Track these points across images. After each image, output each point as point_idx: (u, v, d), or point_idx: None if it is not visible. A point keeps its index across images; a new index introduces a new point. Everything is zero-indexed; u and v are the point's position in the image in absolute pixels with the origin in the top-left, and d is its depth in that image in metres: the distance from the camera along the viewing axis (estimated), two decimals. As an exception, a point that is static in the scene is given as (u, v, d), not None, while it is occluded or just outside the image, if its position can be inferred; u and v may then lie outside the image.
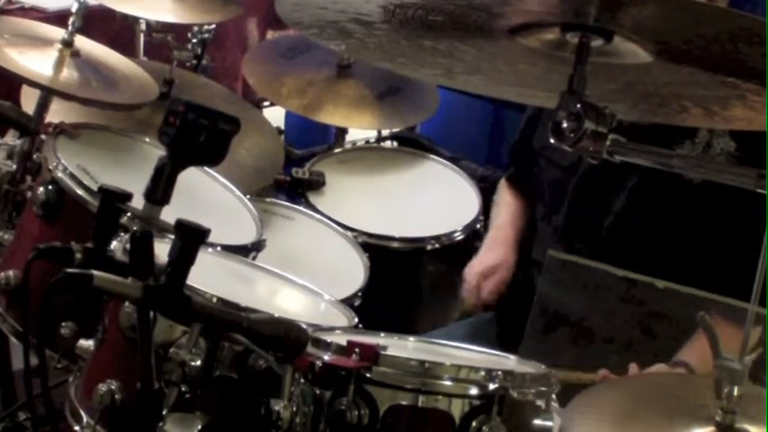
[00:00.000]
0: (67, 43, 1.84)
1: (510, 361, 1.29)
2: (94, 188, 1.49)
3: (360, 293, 1.71)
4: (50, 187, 1.54)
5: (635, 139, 0.99)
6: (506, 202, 1.87)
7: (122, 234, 1.22)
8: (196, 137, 1.02)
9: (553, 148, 1.65)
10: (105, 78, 1.85)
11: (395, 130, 2.67)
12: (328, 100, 2.32)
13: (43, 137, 1.71)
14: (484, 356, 1.32)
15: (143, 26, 2.48)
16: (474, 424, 1.10)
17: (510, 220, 1.84)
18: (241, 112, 1.24)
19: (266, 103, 2.80)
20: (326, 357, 1.14)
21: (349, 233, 1.90)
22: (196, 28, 2.42)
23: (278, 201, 2.00)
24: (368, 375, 1.11)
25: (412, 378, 1.11)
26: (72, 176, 1.53)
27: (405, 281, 1.94)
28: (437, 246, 1.94)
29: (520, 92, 1.20)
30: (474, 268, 1.79)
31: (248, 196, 1.80)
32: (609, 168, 1.51)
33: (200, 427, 1.14)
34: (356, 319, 1.43)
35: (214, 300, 1.22)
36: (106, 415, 1.21)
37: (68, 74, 1.80)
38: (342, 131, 2.54)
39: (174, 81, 2.14)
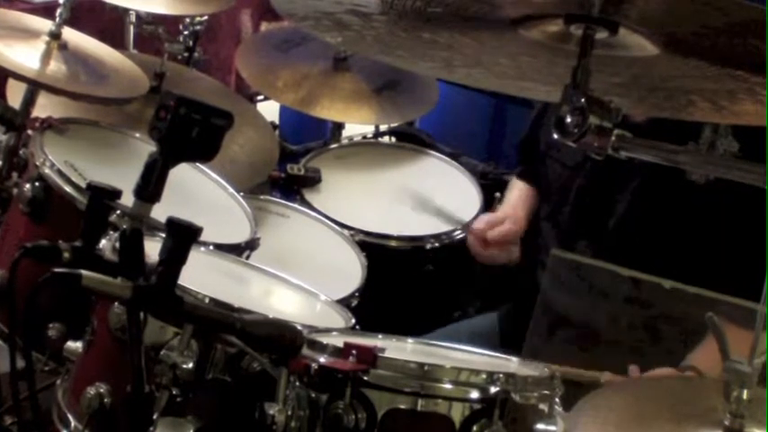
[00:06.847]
0: (55, 35, 1.82)
1: (512, 363, 1.27)
2: (83, 185, 1.48)
3: (357, 294, 1.69)
4: (37, 184, 1.53)
5: None
6: (517, 187, 1.86)
7: (112, 232, 1.22)
8: (188, 132, 1.01)
9: (558, 147, 1.66)
10: (94, 72, 1.83)
11: (393, 125, 2.65)
12: (324, 94, 2.30)
13: (30, 132, 1.70)
14: (485, 359, 1.31)
15: (133, 18, 2.46)
16: (475, 428, 1.09)
17: (519, 198, 1.82)
18: (234, 107, 1.21)
19: (260, 98, 2.78)
20: (323, 360, 1.12)
21: (346, 231, 1.88)
22: (188, 20, 2.39)
23: (272, 198, 1.98)
24: (365, 378, 1.09)
25: (411, 381, 1.10)
26: (59, 173, 1.52)
27: (403, 281, 1.92)
28: (437, 245, 1.92)
29: (522, 86, 1.18)
30: (479, 220, 1.76)
31: (242, 193, 1.79)
32: (613, 169, 1.52)
33: (191, 431, 1.12)
34: (353, 320, 1.42)
35: (206, 300, 1.21)
36: (95, 419, 1.20)
37: (56, 67, 1.78)
38: (338, 126, 2.52)
39: (165, 74, 2.12)
